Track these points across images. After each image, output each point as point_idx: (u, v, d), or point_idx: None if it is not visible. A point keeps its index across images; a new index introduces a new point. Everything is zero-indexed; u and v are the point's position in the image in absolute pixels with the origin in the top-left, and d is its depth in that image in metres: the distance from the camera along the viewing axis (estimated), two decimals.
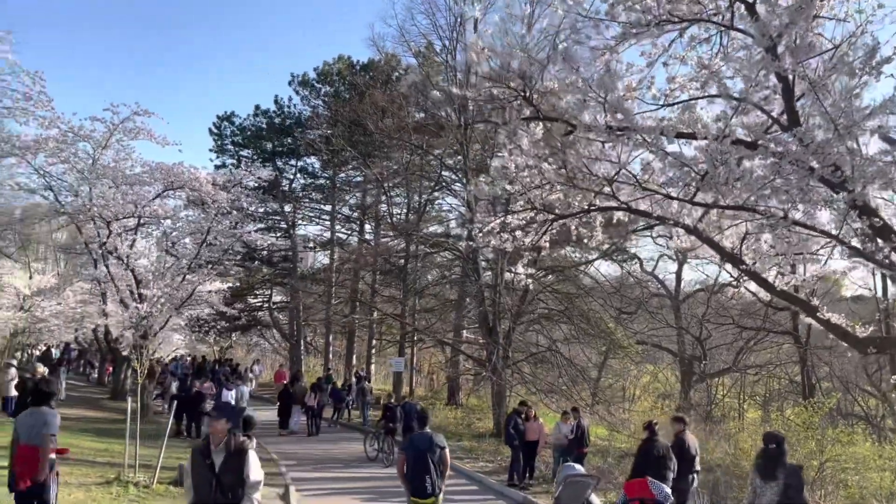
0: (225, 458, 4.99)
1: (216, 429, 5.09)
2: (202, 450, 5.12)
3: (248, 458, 5.02)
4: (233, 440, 5.07)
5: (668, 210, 8.86)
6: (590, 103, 5.99)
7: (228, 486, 4.87)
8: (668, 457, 9.17)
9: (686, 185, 6.19)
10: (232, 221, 23.05)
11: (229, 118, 36.29)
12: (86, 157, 20.48)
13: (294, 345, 37.28)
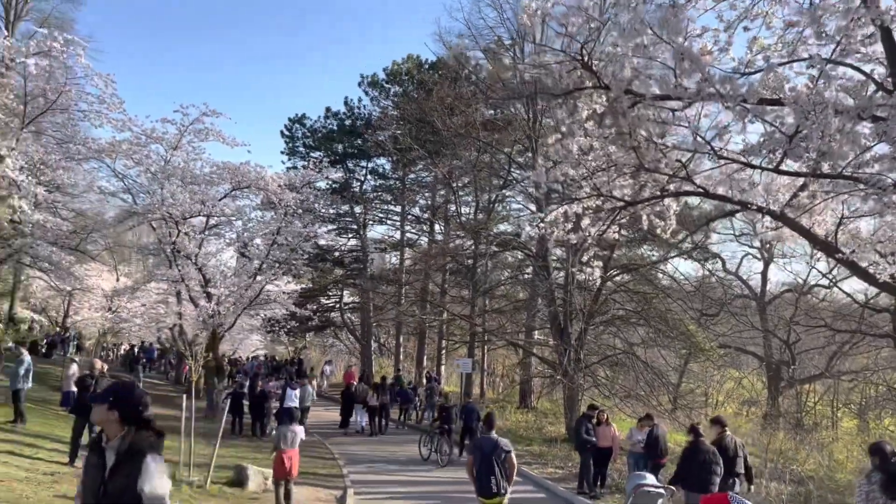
0: (116, 461, 3.53)
1: (99, 419, 3.67)
2: (95, 444, 3.71)
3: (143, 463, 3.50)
4: (128, 437, 3.57)
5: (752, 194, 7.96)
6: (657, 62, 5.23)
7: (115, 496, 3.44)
8: (714, 461, 8.83)
9: (771, 152, 5.34)
10: (303, 223, 23.16)
11: (300, 120, 36.64)
12: (158, 159, 20.90)
13: (365, 345, 37.26)
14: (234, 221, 24.05)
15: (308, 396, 20.21)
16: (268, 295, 25.41)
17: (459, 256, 31.74)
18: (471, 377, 31.25)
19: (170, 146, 20.90)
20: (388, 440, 19.75)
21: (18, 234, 22.34)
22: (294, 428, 10.08)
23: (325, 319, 40.83)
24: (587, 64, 5.90)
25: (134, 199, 22.27)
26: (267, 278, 21.32)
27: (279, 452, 9.77)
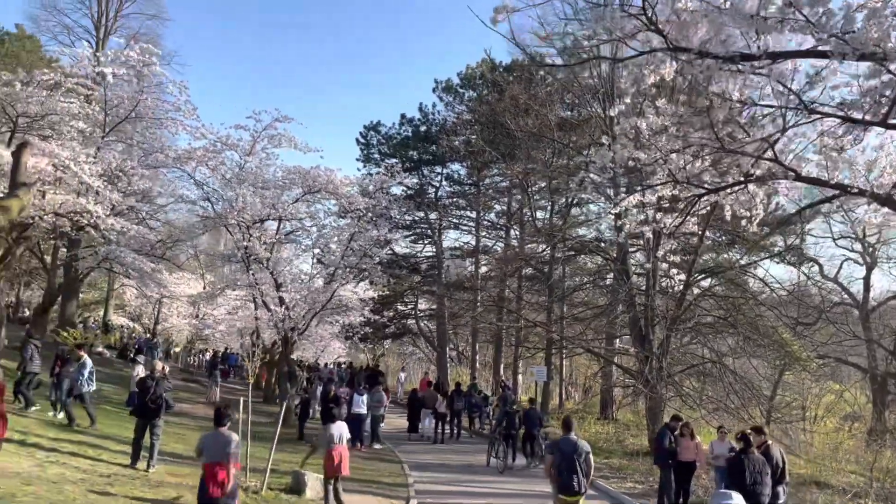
0: None
1: None
2: None
3: None
4: None
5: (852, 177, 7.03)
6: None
7: None
8: (763, 471, 8.67)
9: (875, 103, 4.45)
10: (377, 229, 23.00)
11: (375, 128, 36.75)
12: (233, 166, 21.16)
13: (440, 353, 36.85)
14: (310, 228, 24.13)
15: (380, 402, 19.87)
16: (340, 300, 25.40)
17: (535, 262, 30.93)
18: (548, 386, 30.30)
19: (244, 152, 21.15)
20: (457, 448, 19.17)
21: (105, 241, 23.12)
22: (340, 425, 10.16)
23: (402, 327, 40.70)
24: (652, 21, 5.18)
25: (213, 206, 22.64)
26: (339, 283, 21.16)
27: (328, 450, 9.78)
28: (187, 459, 12.34)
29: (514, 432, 16.62)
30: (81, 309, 47.40)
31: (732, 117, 6.40)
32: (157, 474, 10.37)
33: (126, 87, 20.65)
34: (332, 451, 9.74)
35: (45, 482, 8.15)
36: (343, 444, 9.93)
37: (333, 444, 9.78)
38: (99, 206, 15.49)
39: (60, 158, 15.31)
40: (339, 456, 9.74)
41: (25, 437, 10.67)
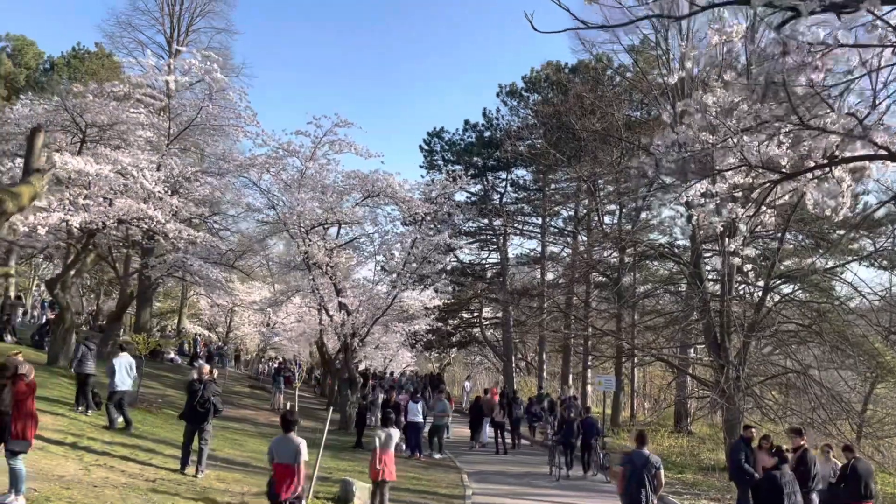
0: None
1: None
2: None
3: None
4: None
5: None
6: None
7: None
8: (795, 490, 8.34)
9: None
10: (440, 235, 22.63)
11: (439, 134, 36.49)
12: (294, 172, 21.17)
13: (506, 362, 36.13)
14: (372, 235, 23.93)
15: (444, 412, 19.37)
16: (403, 307, 25.08)
17: (604, 268, 29.91)
18: (618, 397, 29.16)
19: (305, 158, 21.11)
20: (521, 459, 18.45)
21: (174, 249, 23.51)
22: (390, 430, 10.16)
23: (468, 335, 40.21)
24: None
25: (277, 213, 22.71)
26: (400, 289, 20.85)
27: (373, 452, 9.88)
28: (239, 466, 12.15)
29: (573, 441, 16.22)
30: (159, 318, 49.00)
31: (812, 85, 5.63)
32: (205, 480, 10.15)
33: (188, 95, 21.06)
34: (377, 454, 9.71)
35: (85, 486, 7.99)
36: (390, 449, 9.84)
37: (378, 448, 9.75)
38: (159, 211, 15.61)
39: (122, 164, 15.53)
40: (382, 462, 9.65)
41: (78, 440, 10.64)
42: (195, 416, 10.41)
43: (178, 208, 17.77)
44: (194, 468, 10.35)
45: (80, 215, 14.91)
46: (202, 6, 34.79)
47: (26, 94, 20.25)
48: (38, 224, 14.10)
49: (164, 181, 17.31)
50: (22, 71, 37.71)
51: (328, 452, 15.16)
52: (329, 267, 19.21)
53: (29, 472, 7.95)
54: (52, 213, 14.41)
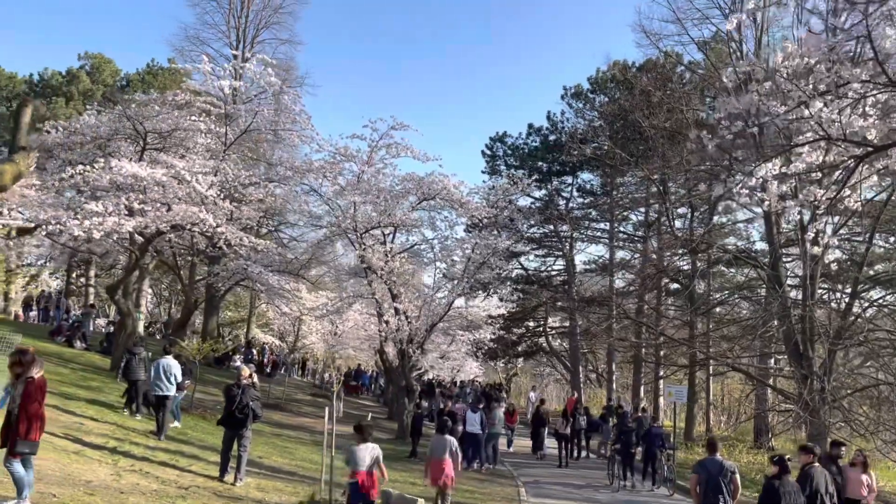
0: None
1: None
2: None
3: None
4: None
5: None
6: None
7: None
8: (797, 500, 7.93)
9: None
10: (503, 241, 21.96)
11: (501, 139, 35.79)
12: (352, 178, 20.91)
13: (573, 373, 34.94)
14: (432, 241, 23.46)
15: (499, 422, 18.60)
16: (463, 314, 24.46)
17: (675, 273, 28.54)
18: (692, 410, 27.66)
19: (361, 162, 20.82)
20: (584, 474, 17.46)
21: (235, 257, 23.65)
22: (445, 437, 10.47)
23: (534, 345, 39.18)
24: None
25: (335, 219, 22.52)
26: (455, 294, 20.25)
27: (430, 460, 10.41)
28: (285, 474, 11.75)
29: (631, 450, 15.55)
30: (229, 326, 49.97)
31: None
32: (243, 488, 9.75)
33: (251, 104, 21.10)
34: (433, 461, 10.28)
35: (112, 492, 7.67)
36: (445, 456, 10.19)
37: (435, 456, 10.29)
38: (211, 214, 15.52)
39: (176, 169, 15.54)
40: (439, 469, 10.09)
41: (120, 445, 10.44)
42: (233, 422, 10.04)
43: (231, 212, 17.70)
44: (233, 475, 9.97)
45: (133, 220, 14.94)
46: (267, 18, 35.36)
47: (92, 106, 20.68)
48: (92, 228, 14.17)
49: (218, 186, 17.28)
50: (99, 88, 39.14)
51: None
52: (385, 272, 18.78)
53: (56, 476, 7.71)
54: (107, 217, 14.47)
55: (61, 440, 9.66)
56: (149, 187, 15.72)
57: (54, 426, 10.44)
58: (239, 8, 34.44)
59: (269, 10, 35.32)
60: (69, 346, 22.89)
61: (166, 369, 12.37)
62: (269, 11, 35.32)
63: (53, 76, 40.15)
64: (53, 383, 14.76)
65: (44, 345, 21.53)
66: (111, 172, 15.25)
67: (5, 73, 41.98)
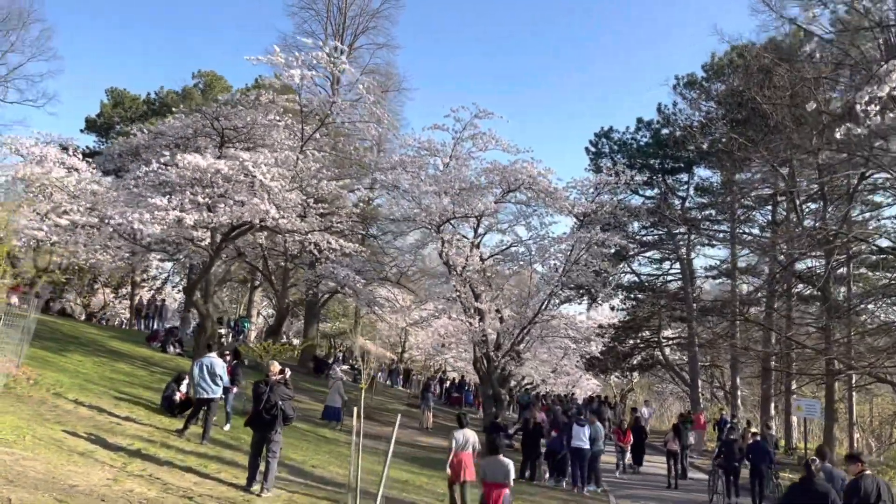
0: None
1: None
2: None
3: None
4: None
5: None
6: None
7: None
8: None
9: None
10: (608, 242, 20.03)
11: (607, 134, 33.46)
12: (435, 172, 19.68)
13: (692, 386, 31.85)
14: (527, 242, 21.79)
15: (599, 436, 16.54)
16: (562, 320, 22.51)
17: (808, 276, 25.20)
18: (831, 430, 24.12)
19: (445, 156, 19.55)
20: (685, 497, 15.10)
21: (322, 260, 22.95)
22: (466, 432, 10.32)
23: (649, 357, 36.23)
24: None
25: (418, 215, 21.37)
26: (545, 294, 18.45)
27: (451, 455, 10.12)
28: (333, 487, 10.42)
29: (736, 465, 13.97)
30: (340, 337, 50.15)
31: None
32: (267, 500, 8.51)
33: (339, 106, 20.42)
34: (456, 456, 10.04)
35: (90, 499, 6.60)
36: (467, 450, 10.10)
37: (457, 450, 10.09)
38: (273, 205, 14.68)
39: (240, 159, 14.85)
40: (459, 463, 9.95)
41: (146, 447, 9.52)
42: (261, 424, 8.85)
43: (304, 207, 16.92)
44: (260, 485, 8.76)
45: (194, 214, 14.34)
46: (364, 24, 35.13)
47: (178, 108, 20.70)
48: (154, 222, 13.66)
49: (291, 180, 16.48)
50: (209, 104, 40.37)
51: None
52: (467, 270, 17.30)
53: (33, 479, 6.75)
54: (169, 211, 13.94)
55: (76, 439, 8.84)
56: (215, 181, 15.11)
57: (82, 425, 9.72)
58: (336, 15, 34.42)
59: (366, 15, 35.12)
60: (163, 350, 23.02)
61: (210, 369, 11.39)
62: (365, 17, 35.12)
63: (168, 94, 41.84)
64: (119, 384, 14.37)
65: (137, 349, 21.71)
66: (177, 167, 14.77)
67: (129, 95, 44.27)
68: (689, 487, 16.58)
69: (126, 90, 44.45)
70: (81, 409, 10.67)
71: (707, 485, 15.10)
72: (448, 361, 40.07)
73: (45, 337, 17.21)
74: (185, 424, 11.31)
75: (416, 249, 26.53)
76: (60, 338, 18.47)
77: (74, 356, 15.66)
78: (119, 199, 15.20)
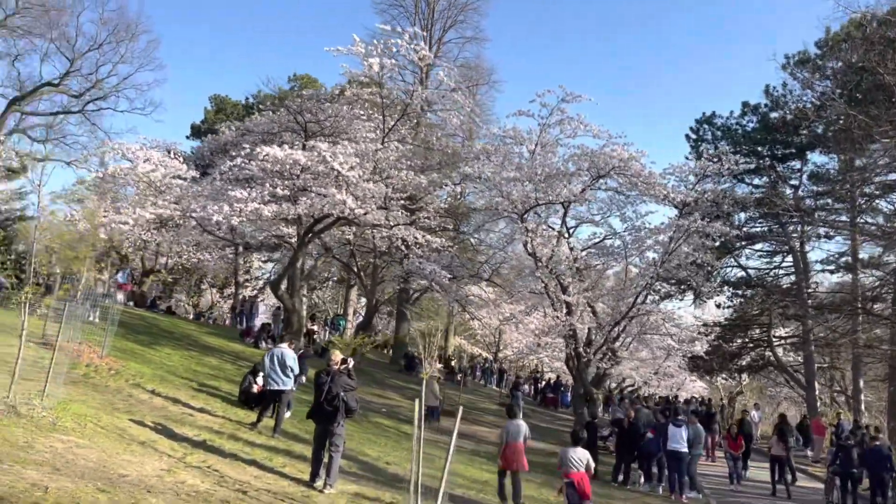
0: None
1: None
2: None
3: None
4: None
5: None
6: None
7: None
8: None
9: None
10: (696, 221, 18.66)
11: (709, 120, 31.44)
12: (519, 160, 18.93)
13: (808, 389, 29.42)
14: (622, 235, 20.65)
15: (698, 438, 15.23)
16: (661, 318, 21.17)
17: None
18: None
19: (531, 143, 18.76)
20: None
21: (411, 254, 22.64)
22: (518, 422, 10.55)
23: (759, 358, 33.78)
24: None
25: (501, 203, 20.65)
26: (642, 289, 17.27)
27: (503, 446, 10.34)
28: (402, 483, 9.86)
29: (853, 472, 12.78)
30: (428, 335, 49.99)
31: None
32: (330, 497, 8.04)
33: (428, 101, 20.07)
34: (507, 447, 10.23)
35: (135, 489, 6.29)
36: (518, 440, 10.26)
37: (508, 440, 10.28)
38: (350, 196, 14.36)
39: (319, 150, 14.64)
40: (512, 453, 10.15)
41: (212, 438, 9.28)
42: (322, 416, 8.41)
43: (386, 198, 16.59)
44: (322, 481, 8.31)
45: (272, 206, 14.24)
46: (453, 18, 34.75)
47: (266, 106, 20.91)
48: (232, 215, 13.64)
49: (372, 171, 16.19)
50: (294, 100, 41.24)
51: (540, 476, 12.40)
52: (553, 262, 16.42)
53: (82, 467, 6.52)
54: (248, 203, 13.89)
55: (141, 429, 8.69)
56: (294, 173, 14.99)
57: (152, 415, 9.61)
58: (424, 9, 34.19)
59: (455, 9, 34.71)
60: (255, 346, 23.32)
61: (280, 360, 11.10)
62: (454, 11, 34.72)
63: (266, 98, 42.96)
64: (203, 377, 14.42)
65: (230, 344, 22.05)
66: (257, 159, 14.74)
67: (230, 100, 45.94)
68: (805, 496, 15.00)
69: (227, 97, 46.13)
70: (156, 400, 10.63)
71: (824, 494, 13.62)
72: (543, 361, 38.96)
73: (141, 331, 17.68)
74: (258, 417, 11.09)
75: (504, 245, 25.80)
76: (156, 332, 18.93)
77: (164, 349, 15.90)
78: (203, 194, 15.37)
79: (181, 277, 38.55)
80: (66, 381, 9.65)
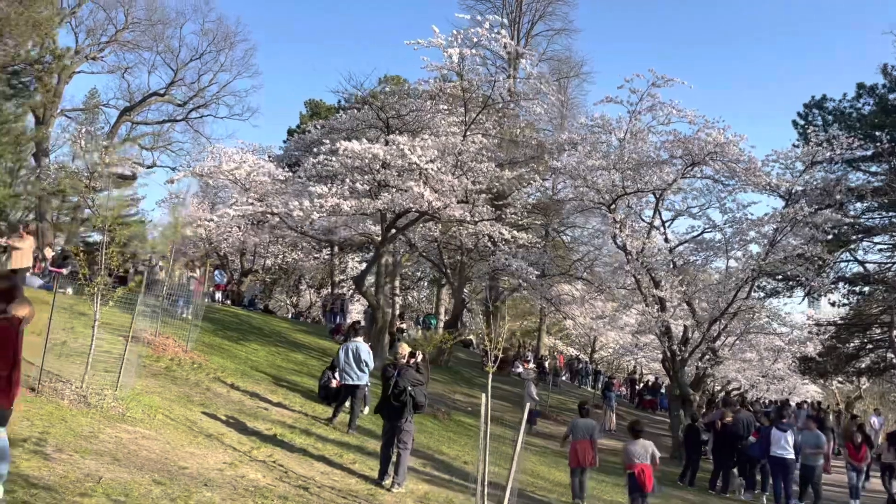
0: None
1: None
2: None
3: None
4: None
5: None
6: None
7: None
8: None
9: None
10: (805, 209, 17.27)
11: (820, 104, 29.18)
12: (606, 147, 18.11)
13: None
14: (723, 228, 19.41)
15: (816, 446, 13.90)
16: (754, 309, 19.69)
17: None
18: None
19: (621, 131, 17.89)
20: None
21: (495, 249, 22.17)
22: (588, 420, 10.60)
23: (881, 360, 31.09)
24: None
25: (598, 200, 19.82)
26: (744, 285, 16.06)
27: (573, 443, 10.31)
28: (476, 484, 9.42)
29: None
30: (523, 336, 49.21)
31: None
32: (398, 495, 7.70)
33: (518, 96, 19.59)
34: (576, 444, 10.22)
35: (192, 482, 6.14)
36: (587, 437, 10.23)
37: (576, 438, 10.30)
38: (428, 189, 14.03)
39: (396, 144, 14.41)
40: (582, 450, 10.10)
41: (282, 433, 9.13)
42: (390, 411, 8.08)
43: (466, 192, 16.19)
44: (391, 479, 7.99)
45: (352, 200, 14.12)
46: (542, 10, 34.05)
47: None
48: (312, 210, 13.62)
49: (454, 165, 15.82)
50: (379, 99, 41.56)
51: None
52: (644, 255, 15.51)
53: (144, 459, 6.45)
54: (328, 198, 13.83)
55: (212, 421, 8.64)
56: (374, 167, 14.84)
57: (226, 409, 9.59)
58: (512, 3, 33.67)
59: (543, 1, 33.96)
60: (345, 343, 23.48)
61: (355, 354, 10.88)
62: (542, 3, 34.03)
63: (357, 100, 43.59)
64: (286, 372, 14.50)
65: (319, 341, 22.28)
66: (337, 155, 14.70)
67: (324, 104, 46.93)
68: None
69: (322, 100, 47.13)
70: (234, 393, 10.65)
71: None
72: (641, 362, 37.54)
73: (232, 328, 18.05)
74: (334, 412, 10.92)
75: (594, 240, 24.92)
76: (246, 329, 19.31)
77: (251, 345, 16.12)
78: (286, 191, 15.50)
79: (279, 278, 39.54)
80: (147, 373, 9.81)
